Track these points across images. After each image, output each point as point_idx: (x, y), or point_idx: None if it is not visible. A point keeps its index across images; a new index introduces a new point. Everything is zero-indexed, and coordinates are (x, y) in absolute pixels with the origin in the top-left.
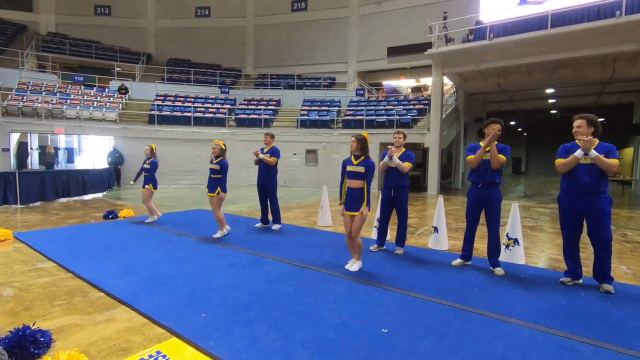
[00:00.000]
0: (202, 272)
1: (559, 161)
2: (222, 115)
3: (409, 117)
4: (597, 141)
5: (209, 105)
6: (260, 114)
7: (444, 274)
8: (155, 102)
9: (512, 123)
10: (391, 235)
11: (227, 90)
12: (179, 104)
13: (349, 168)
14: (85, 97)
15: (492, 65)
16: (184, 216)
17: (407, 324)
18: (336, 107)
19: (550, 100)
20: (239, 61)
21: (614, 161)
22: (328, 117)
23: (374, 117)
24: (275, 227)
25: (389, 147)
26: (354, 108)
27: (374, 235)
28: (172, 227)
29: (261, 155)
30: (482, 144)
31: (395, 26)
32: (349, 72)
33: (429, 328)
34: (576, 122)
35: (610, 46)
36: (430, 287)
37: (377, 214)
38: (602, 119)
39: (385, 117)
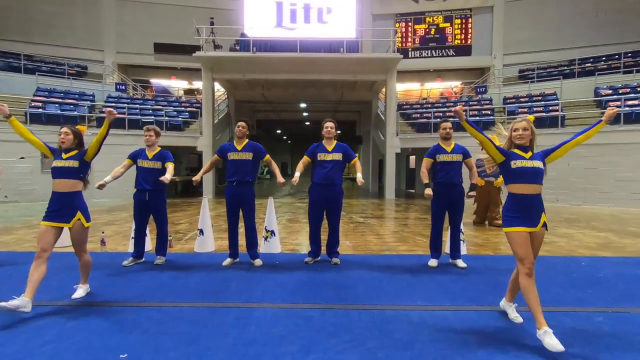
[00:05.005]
0: None
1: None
2: None
3: (180, 119)
4: (335, 141)
5: None
6: None
7: (205, 276)
8: None
9: (278, 131)
10: (153, 244)
11: None
12: None
13: (55, 163)
14: None
15: (256, 76)
16: None
17: (153, 340)
18: (88, 102)
19: (304, 114)
20: None
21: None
22: (76, 113)
23: (139, 116)
24: None
25: None
26: (114, 104)
27: (130, 248)
28: None
29: None
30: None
31: (162, 22)
32: (105, 63)
33: (179, 336)
34: (330, 124)
35: (338, 74)
36: (188, 293)
37: (133, 224)
38: (339, 131)
39: (153, 117)
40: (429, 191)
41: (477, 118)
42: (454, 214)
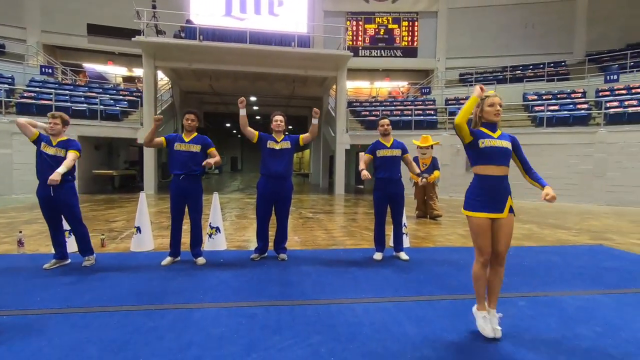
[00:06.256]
0: None
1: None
2: None
3: (117, 108)
4: (284, 135)
5: None
6: None
7: (141, 276)
8: None
9: (228, 125)
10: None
11: None
12: None
13: None
14: None
15: (203, 66)
16: None
17: (74, 349)
18: (6, 85)
19: (255, 107)
20: None
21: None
22: None
23: (68, 103)
24: None
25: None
26: (38, 89)
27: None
28: None
29: None
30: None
31: (97, 0)
32: (28, 42)
33: (105, 343)
34: (279, 117)
35: (289, 69)
36: (120, 296)
37: None
38: (290, 127)
39: (85, 105)
40: (365, 172)
41: (422, 117)
42: (394, 209)
